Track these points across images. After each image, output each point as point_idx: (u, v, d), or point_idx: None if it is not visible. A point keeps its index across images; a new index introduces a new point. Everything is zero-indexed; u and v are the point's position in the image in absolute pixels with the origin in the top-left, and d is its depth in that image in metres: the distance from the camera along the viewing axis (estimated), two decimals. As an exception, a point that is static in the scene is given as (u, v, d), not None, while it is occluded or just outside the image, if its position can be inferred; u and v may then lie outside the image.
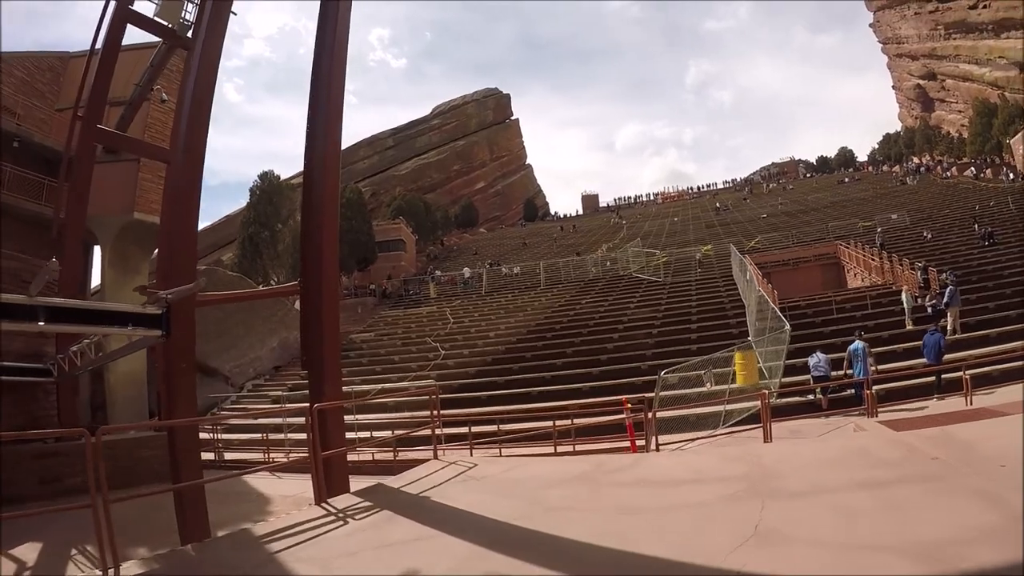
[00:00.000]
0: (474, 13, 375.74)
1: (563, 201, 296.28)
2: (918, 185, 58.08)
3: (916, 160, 77.85)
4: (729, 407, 12.32)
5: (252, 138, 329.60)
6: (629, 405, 11.22)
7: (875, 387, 13.21)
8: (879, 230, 34.66)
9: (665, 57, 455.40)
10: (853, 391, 13.63)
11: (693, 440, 10.53)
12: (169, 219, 7.91)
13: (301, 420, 10.23)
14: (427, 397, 10.46)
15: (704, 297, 27.49)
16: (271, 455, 15.61)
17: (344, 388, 19.57)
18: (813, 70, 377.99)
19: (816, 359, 14.27)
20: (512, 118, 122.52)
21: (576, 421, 12.76)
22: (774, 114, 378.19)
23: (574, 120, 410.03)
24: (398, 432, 12.51)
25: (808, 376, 14.80)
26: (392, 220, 57.64)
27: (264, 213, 41.46)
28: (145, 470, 10.70)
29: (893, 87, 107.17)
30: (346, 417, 14.24)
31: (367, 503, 6.02)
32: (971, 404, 10.62)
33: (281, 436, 16.72)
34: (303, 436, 10.48)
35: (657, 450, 9.43)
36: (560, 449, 11.74)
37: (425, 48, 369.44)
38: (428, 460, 7.94)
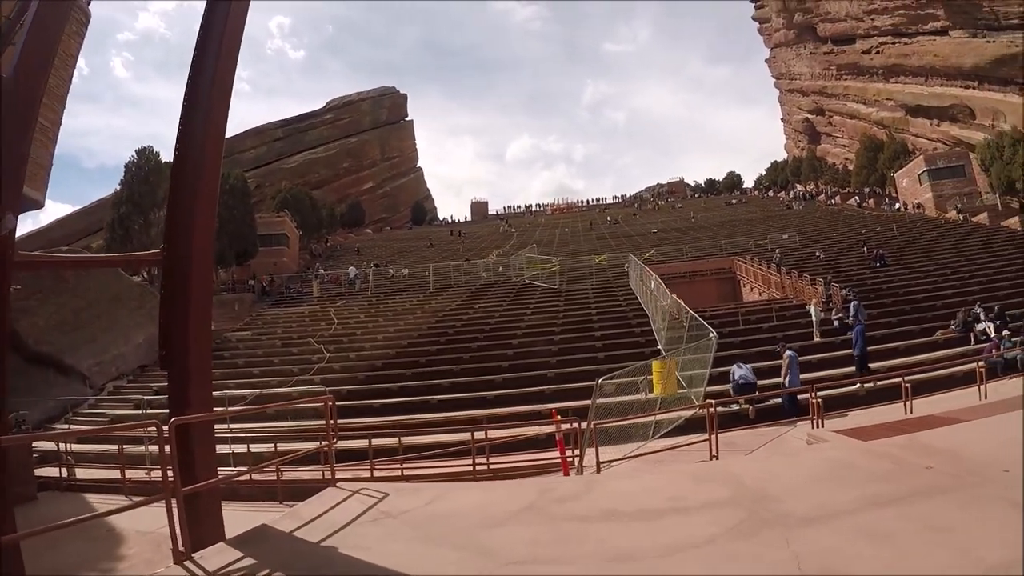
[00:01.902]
0: (379, 13, 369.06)
1: (451, 207, 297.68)
2: (804, 210, 62.32)
3: (801, 187, 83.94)
4: (660, 417, 11.39)
5: (137, 119, 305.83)
6: (559, 417, 9.96)
7: (800, 397, 13.01)
8: (777, 249, 35.89)
9: (564, 74, 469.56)
10: (781, 401, 13.23)
11: (634, 456, 9.44)
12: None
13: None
14: (318, 405, 8.62)
15: (604, 305, 27.34)
16: (127, 473, 12.93)
17: (215, 393, 17.38)
18: (705, 98, 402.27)
19: (742, 370, 13.76)
20: (407, 119, 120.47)
21: (492, 434, 11.33)
22: (665, 137, 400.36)
23: (468, 128, 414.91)
24: (283, 447, 10.71)
25: (727, 386, 14.34)
26: (276, 213, 54.27)
27: (139, 193, 37.14)
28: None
29: (782, 119, 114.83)
30: (218, 426, 12.24)
31: (250, 560, 4.28)
32: (912, 412, 10.39)
33: (141, 449, 14.13)
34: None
35: (598, 470, 8.29)
36: (476, 467, 10.39)
37: (326, 42, 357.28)
38: (323, 486, 6.30)
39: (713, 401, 9.92)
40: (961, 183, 48.02)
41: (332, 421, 7.07)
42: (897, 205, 52.43)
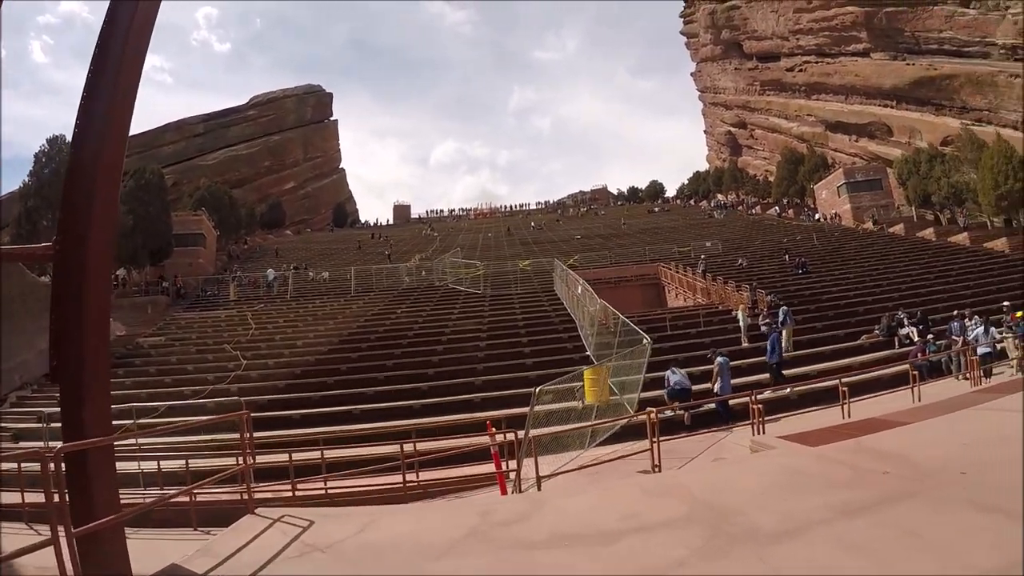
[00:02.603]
0: (310, 9, 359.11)
1: (373, 210, 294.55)
2: (725, 219, 64.59)
3: (722, 197, 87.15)
4: (596, 426, 11.08)
5: (55, 108, 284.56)
6: (494, 429, 9.43)
7: (735, 402, 13.10)
8: (702, 256, 36.53)
9: (492, 79, 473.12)
10: (716, 406, 13.24)
11: (573, 469, 9.02)
12: None
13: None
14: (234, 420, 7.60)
15: (529, 310, 27.30)
16: (27, 497, 11.41)
17: (123, 404, 16.07)
18: (630, 109, 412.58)
19: (677, 376, 13.69)
20: (331, 119, 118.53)
21: (421, 446, 10.72)
22: (589, 145, 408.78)
23: (393, 130, 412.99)
24: (197, 464, 9.82)
25: (659, 392, 14.28)
26: (194, 212, 51.75)
27: (48, 185, 34.40)
28: None
29: (705, 131, 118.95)
30: (125, 442, 11.17)
31: (158, 613, 3.64)
32: (850, 415, 10.43)
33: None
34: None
35: (539, 485, 7.88)
36: (408, 484, 9.82)
37: (253, 36, 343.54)
38: (240, 510, 5.60)
39: (654, 409, 9.71)
40: (878, 195, 50.76)
41: (248, 437, 6.39)
42: (817, 216, 54.72)
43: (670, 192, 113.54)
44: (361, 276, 38.77)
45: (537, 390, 10.13)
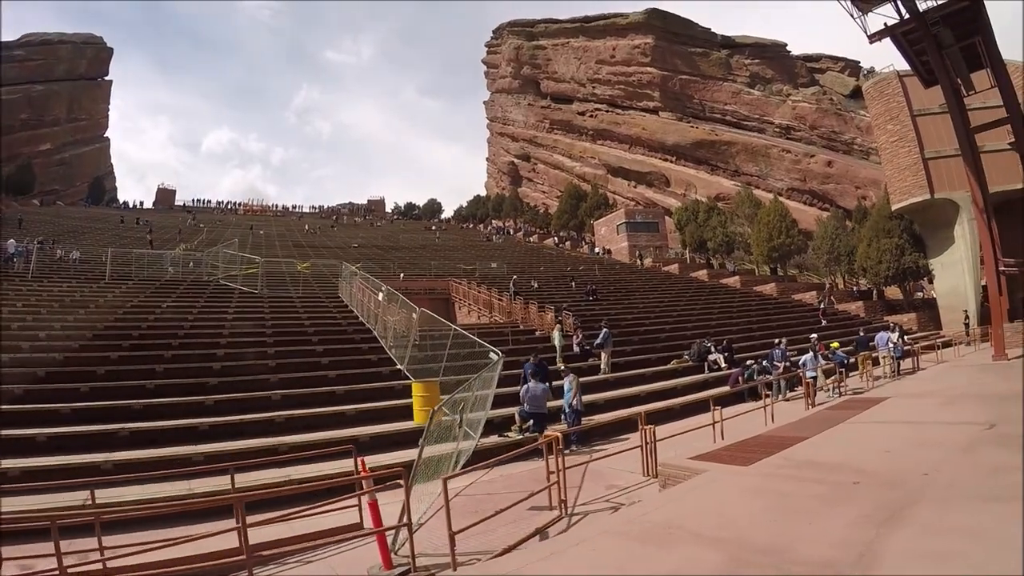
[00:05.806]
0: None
1: (132, 192, 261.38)
2: (504, 243, 67.87)
3: (500, 223, 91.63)
4: (462, 445, 9.44)
5: None
6: (368, 470, 7.07)
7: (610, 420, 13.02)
8: (515, 277, 36.48)
9: (280, 72, 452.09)
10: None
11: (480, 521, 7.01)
12: None
13: None
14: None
15: (316, 316, 25.07)
16: None
17: None
18: (413, 126, 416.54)
19: (539, 390, 12.74)
20: (106, 78, 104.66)
21: (242, 479, 7.79)
22: (365, 156, 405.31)
23: (166, 107, 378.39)
24: None
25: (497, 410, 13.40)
26: (-73, 156, 41.49)
27: None
28: None
29: (488, 159, 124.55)
30: None
31: None
32: (724, 438, 10.25)
33: None
34: None
35: (453, 554, 5.89)
36: (219, 544, 6.08)
37: None
38: None
39: (558, 432, 8.55)
40: (655, 237, 56.55)
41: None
42: (597, 249, 58.71)
43: (447, 213, 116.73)
44: (118, 261, 33.26)
45: (440, 405, 8.20)
